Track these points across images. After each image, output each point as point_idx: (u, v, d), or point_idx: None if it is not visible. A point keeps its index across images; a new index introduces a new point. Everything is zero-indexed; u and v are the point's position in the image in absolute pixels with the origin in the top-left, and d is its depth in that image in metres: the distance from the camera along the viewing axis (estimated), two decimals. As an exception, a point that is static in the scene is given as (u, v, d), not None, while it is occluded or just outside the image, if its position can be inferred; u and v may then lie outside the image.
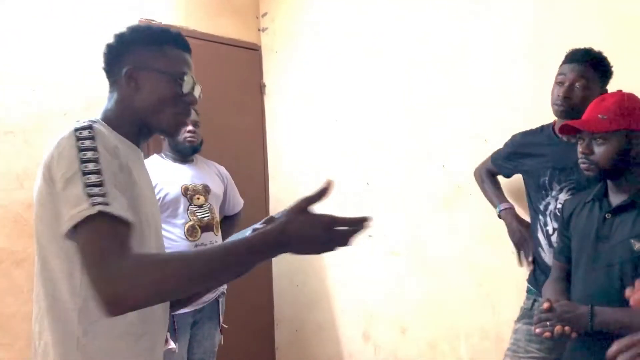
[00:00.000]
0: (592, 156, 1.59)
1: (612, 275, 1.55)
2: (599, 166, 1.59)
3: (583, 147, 1.61)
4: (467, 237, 2.56)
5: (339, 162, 3.12)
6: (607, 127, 1.56)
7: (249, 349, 3.23)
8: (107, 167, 1.06)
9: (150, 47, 1.23)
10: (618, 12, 2.11)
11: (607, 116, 1.57)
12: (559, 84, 1.92)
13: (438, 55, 2.66)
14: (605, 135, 1.57)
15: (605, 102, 1.60)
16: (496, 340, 2.46)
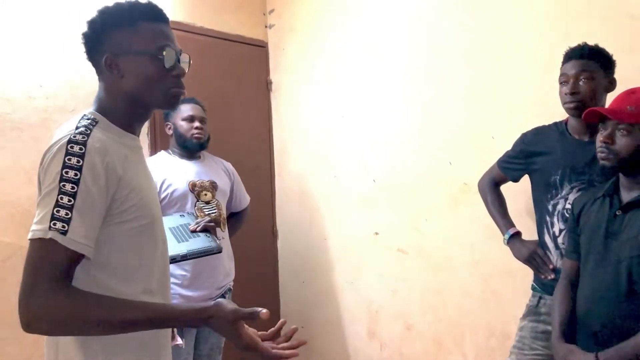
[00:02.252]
0: (613, 146, 1.59)
1: (620, 271, 1.55)
2: (619, 156, 1.58)
3: (605, 136, 1.61)
4: (473, 234, 2.56)
5: (346, 159, 3.12)
6: (634, 119, 1.56)
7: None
8: (85, 191, 1.07)
9: (123, 28, 1.20)
10: (624, 10, 2.11)
11: (636, 109, 1.57)
12: (563, 83, 1.92)
13: (445, 52, 2.65)
14: (631, 126, 1.56)
15: (635, 94, 1.60)
16: (502, 338, 2.46)
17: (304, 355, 3.39)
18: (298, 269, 3.41)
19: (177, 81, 1.25)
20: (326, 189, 3.23)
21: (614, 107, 1.61)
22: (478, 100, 2.55)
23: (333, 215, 3.21)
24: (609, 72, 1.92)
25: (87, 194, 1.08)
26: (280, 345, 1.23)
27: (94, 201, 1.09)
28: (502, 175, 2.19)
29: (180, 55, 1.25)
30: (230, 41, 3.29)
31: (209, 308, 1.16)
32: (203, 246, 2.13)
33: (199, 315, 1.16)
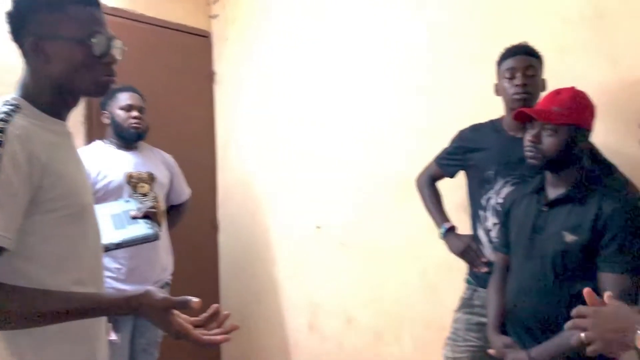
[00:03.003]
0: (539, 145, 1.64)
1: (545, 265, 1.61)
2: (545, 156, 1.63)
3: (532, 136, 1.65)
4: (413, 229, 2.59)
5: (290, 152, 3.11)
6: (560, 119, 1.61)
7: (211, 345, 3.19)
8: (5, 181, 1.03)
9: (51, 11, 1.15)
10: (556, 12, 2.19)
11: (561, 109, 1.62)
12: (510, 77, 1.95)
13: (393, 48, 2.68)
14: (556, 127, 1.62)
15: (561, 95, 1.65)
16: (439, 330, 2.50)
17: (244, 349, 3.38)
18: (239, 263, 3.38)
19: (107, 69, 1.20)
20: (269, 183, 3.22)
21: (541, 108, 1.67)
22: (421, 98, 2.58)
23: (276, 209, 3.20)
24: (542, 72, 1.99)
25: (7, 184, 1.03)
26: (212, 331, 1.21)
27: (14, 191, 1.04)
28: (439, 172, 2.23)
29: (112, 42, 1.20)
30: (172, 30, 3.22)
31: (138, 296, 1.14)
32: (140, 234, 2.06)
33: (128, 304, 1.14)
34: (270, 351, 3.24)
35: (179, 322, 1.17)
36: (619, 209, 1.54)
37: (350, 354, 2.88)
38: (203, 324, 1.22)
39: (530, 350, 1.61)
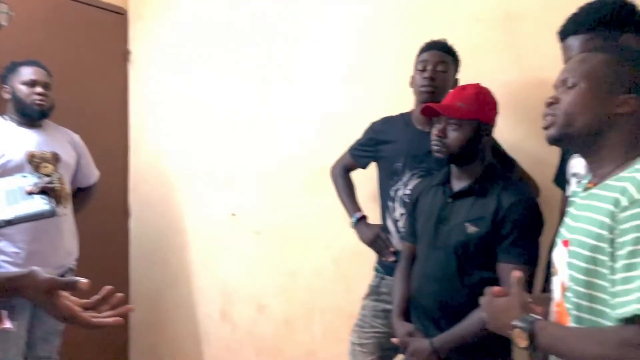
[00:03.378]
0: (445, 139, 1.69)
1: (448, 255, 1.67)
2: (450, 150, 1.69)
3: (438, 130, 1.70)
4: (326, 217, 2.62)
5: (205, 138, 3.04)
6: (463, 114, 1.67)
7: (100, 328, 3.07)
8: None
9: None
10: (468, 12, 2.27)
11: (465, 105, 1.68)
12: (421, 70, 2.01)
13: (310, 35, 2.68)
14: (460, 121, 1.67)
15: (465, 91, 1.71)
16: (348, 317, 2.53)
17: (154, 337, 3.30)
18: (151, 250, 3.29)
19: None
20: (184, 168, 3.14)
21: (446, 103, 1.73)
22: (337, 87, 2.60)
23: (190, 195, 3.13)
24: (457, 71, 2.07)
25: None
26: (103, 314, 1.16)
27: None
28: (353, 162, 2.26)
29: None
30: (86, 5, 3.06)
31: (20, 277, 1.08)
32: (34, 210, 1.93)
33: (10, 284, 1.08)
34: (181, 339, 3.18)
35: (65, 304, 1.11)
36: (517, 202, 1.61)
37: (261, 342, 2.88)
38: (94, 307, 1.17)
39: (433, 339, 1.67)
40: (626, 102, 1.10)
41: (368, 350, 2.06)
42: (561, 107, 1.15)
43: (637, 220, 0.98)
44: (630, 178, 1.04)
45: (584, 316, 1.10)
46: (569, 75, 1.16)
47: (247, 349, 2.93)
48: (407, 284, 1.84)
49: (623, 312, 0.97)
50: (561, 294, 1.16)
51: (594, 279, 1.07)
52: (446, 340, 1.65)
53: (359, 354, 2.07)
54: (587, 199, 1.14)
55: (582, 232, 1.11)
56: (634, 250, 0.98)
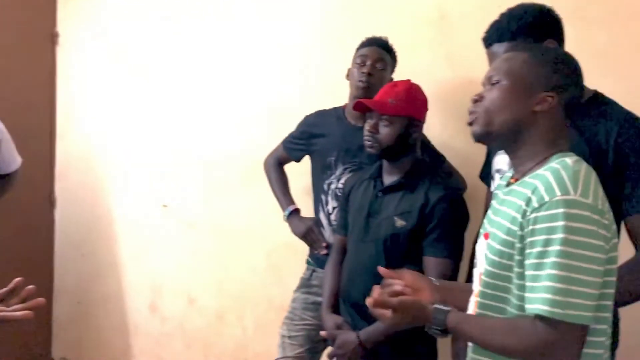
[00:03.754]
0: (377, 135, 1.71)
1: (377, 248, 1.70)
2: (381, 145, 1.71)
3: (370, 126, 1.73)
4: (259, 210, 2.60)
5: (138, 126, 2.95)
6: (395, 111, 1.69)
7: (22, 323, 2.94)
8: None
9: None
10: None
11: (397, 101, 1.70)
12: (360, 64, 2.02)
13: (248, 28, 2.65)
14: (392, 118, 1.70)
15: (396, 88, 1.74)
16: (280, 310, 2.52)
17: (80, 331, 3.19)
18: (78, 241, 3.17)
19: None
20: (115, 157, 3.03)
21: (378, 100, 1.75)
22: (275, 80, 2.59)
23: (121, 185, 3.03)
24: (394, 69, 2.09)
25: None
26: (11, 307, 1.10)
27: None
28: (286, 155, 2.26)
29: None
30: (9, -17, 2.90)
31: None
32: None
33: None
34: (108, 333, 3.08)
35: None
36: (443, 197, 1.66)
37: (192, 336, 2.84)
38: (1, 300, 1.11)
39: (360, 332, 1.69)
40: (545, 100, 1.14)
41: (297, 343, 2.06)
42: (484, 104, 1.19)
43: (547, 222, 1.02)
44: (542, 177, 1.08)
45: (486, 302, 1.14)
46: (493, 73, 1.20)
47: (177, 343, 2.88)
48: (337, 277, 1.86)
49: (532, 309, 1.03)
50: (479, 285, 1.20)
51: (500, 271, 1.12)
52: (373, 332, 1.67)
53: (288, 346, 2.07)
54: (508, 194, 1.18)
55: (498, 225, 1.15)
56: (543, 251, 1.02)
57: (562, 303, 0.99)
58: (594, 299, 1.02)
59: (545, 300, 1.00)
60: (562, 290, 1.00)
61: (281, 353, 2.08)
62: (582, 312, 1.00)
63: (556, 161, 1.11)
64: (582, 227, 1.01)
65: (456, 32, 2.20)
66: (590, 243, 1.01)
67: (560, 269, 1.00)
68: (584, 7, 1.90)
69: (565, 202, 1.02)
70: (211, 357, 2.80)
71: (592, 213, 1.03)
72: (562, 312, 0.99)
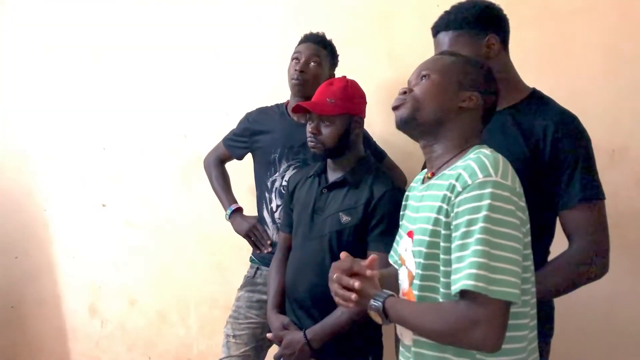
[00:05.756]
0: (319, 136, 1.72)
1: (323, 244, 1.70)
2: (325, 146, 1.72)
3: (312, 128, 1.73)
4: (203, 208, 2.57)
5: (72, 123, 2.84)
6: (334, 110, 1.70)
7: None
8: None
9: None
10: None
11: (334, 100, 1.70)
12: (294, 60, 2.03)
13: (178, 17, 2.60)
14: (332, 118, 1.70)
15: (332, 86, 1.74)
16: (225, 309, 2.50)
17: (14, 335, 3.06)
18: (10, 243, 3.02)
19: None
20: (50, 154, 2.91)
21: (316, 101, 1.75)
22: (215, 76, 2.55)
23: (57, 183, 2.91)
24: (333, 65, 2.10)
25: None
26: None
27: None
28: (227, 153, 2.23)
29: None
30: None
31: None
32: None
33: None
34: (45, 337, 2.97)
35: None
36: (386, 193, 1.67)
37: (133, 337, 2.78)
38: None
39: (307, 331, 1.69)
40: (470, 98, 1.21)
41: (242, 342, 2.04)
42: (412, 93, 1.24)
43: (470, 203, 1.06)
44: (464, 166, 1.12)
45: (426, 295, 1.17)
46: (423, 68, 1.26)
47: (118, 345, 2.81)
48: (282, 276, 1.85)
49: (455, 288, 1.06)
50: (409, 283, 1.23)
51: (432, 261, 1.15)
52: (319, 331, 1.67)
53: (233, 345, 2.05)
54: (426, 189, 1.23)
55: (423, 220, 1.19)
56: (467, 231, 1.06)
57: (486, 278, 1.02)
58: (517, 276, 1.05)
59: (469, 275, 1.03)
60: (485, 265, 1.02)
61: (226, 352, 2.06)
62: (506, 288, 1.03)
63: (474, 152, 1.16)
64: (503, 207, 1.06)
65: (397, 29, 2.23)
66: (511, 222, 1.06)
67: (484, 245, 1.03)
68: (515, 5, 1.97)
69: (487, 183, 1.07)
70: (154, 358, 2.75)
71: (511, 194, 1.08)
72: (486, 286, 1.02)
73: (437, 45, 1.52)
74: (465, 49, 1.42)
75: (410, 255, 1.22)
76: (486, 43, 1.46)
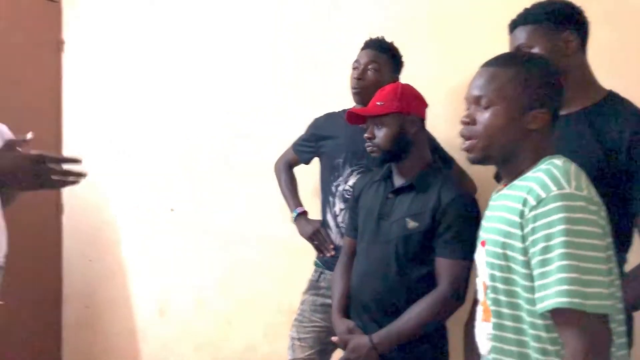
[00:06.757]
0: (374, 140, 1.73)
1: (388, 250, 1.69)
2: (381, 148, 1.72)
3: (367, 133, 1.74)
4: (267, 211, 2.61)
5: (144, 132, 2.97)
6: (382, 110, 1.70)
7: (32, 327, 2.97)
8: None
9: None
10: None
11: (384, 102, 1.71)
12: (354, 69, 2.04)
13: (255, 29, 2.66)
14: (383, 119, 1.71)
15: (383, 91, 1.76)
16: (289, 313, 2.53)
17: (88, 336, 3.19)
18: (85, 246, 3.17)
19: None
20: (121, 162, 3.05)
21: (369, 106, 1.77)
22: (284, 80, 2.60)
23: (128, 189, 3.04)
24: (397, 69, 2.08)
25: None
26: None
27: None
28: (296, 158, 2.28)
29: None
30: (13, -10, 2.92)
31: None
32: None
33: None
34: (117, 338, 3.09)
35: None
36: (455, 199, 1.65)
37: (200, 339, 2.85)
38: None
39: (372, 335, 1.68)
40: (536, 117, 1.17)
41: (307, 345, 2.07)
42: (479, 129, 1.20)
43: (547, 217, 1.04)
44: (535, 178, 1.10)
45: (503, 311, 1.15)
46: (481, 93, 1.21)
47: (185, 346, 2.89)
48: (347, 280, 1.85)
49: (545, 306, 1.03)
50: (484, 293, 1.21)
51: (508, 274, 1.12)
52: (385, 336, 1.66)
53: (298, 348, 2.08)
54: (498, 199, 1.21)
55: (495, 231, 1.17)
56: (546, 246, 1.03)
57: (580, 293, 0.99)
58: (607, 286, 1.02)
59: (560, 292, 1.00)
60: (577, 280, 0.99)
61: (291, 355, 2.09)
62: (601, 301, 1.00)
63: (545, 163, 1.14)
64: (582, 217, 1.03)
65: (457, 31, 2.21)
66: (592, 232, 1.03)
67: (569, 259, 1.00)
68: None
69: (562, 195, 1.04)
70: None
71: (588, 204, 1.05)
72: (582, 302, 0.98)
73: (513, 40, 1.51)
74: (542, 42, 1.41)
75: (484, 266, 1.20)
76: (563, 39, 1.43)
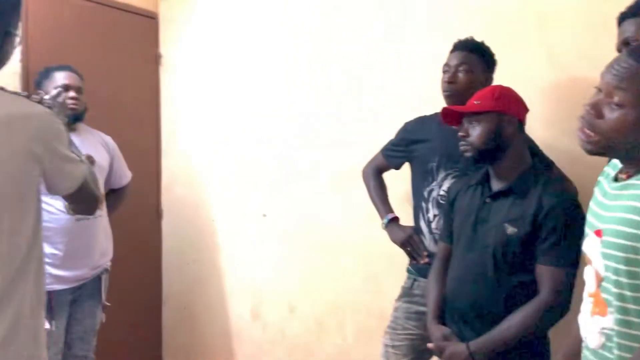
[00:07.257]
0: (468, 138, 1.68)
1: (486, 256, 1.64)
2: (475, 147, 1.67)
3: (462, 130, 1.71)
4: (356, 217, 2.61)
5: (237, 141, 3.06)
6: (478, 108, 1.66)
7: (135, 327, 3.13)
8: None
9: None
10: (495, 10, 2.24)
11: (480, 101, 1.67)
12: (444, 72, 2.00)
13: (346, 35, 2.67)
14: (478, 117, 1.66)
15: (482, 91, 1.72)
16: (380, 319, 2.52)
17: (186, 337, 3.32)
18: (183, 250, 3.32)
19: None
20: (216, 169, 3.16)
21: (466, 105, 1.73)
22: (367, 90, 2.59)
23: (222, 196, 3.15)
24: (489, 69, 2.01)
25: None
26: None
27: None
28: (385, 163, 2.24)
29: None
30: (118, 9, 3.10)
31: None
32: None
33: None
34: (213, 339, 3.20)
35: None
36: (558, 204, 1.58)
37: (293, 343, 2.89)
38: None
39: (470, 343, 1.63)
40: None
41: (401, 352, 2.04)
42: (603, 127, 1.12)
43: None
44: None
45: (628, 306, 1.08)
46: (617, 89, 1.10)
47: (278, 349, 2.94)
48: (442, 286, 1.81)
49: None
50: (596, 285, 1.15)
51: (635, 268, 1.05)
52: (483, 344, 1.61)
53: (392, 355, 2.05)
54: (621, 189, 1.13)
55: (617, 221, 1.09)
56: None
57: None
58: None
59: None
60: None
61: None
62: None
63: None
64: None
65: (556, 30, 2.10)
66: None
67: None
68: None
69: None
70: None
71: None
72: None
73: (620, 34, 1.45)
74: None
75: (598, 256, 1.13)
76: None
